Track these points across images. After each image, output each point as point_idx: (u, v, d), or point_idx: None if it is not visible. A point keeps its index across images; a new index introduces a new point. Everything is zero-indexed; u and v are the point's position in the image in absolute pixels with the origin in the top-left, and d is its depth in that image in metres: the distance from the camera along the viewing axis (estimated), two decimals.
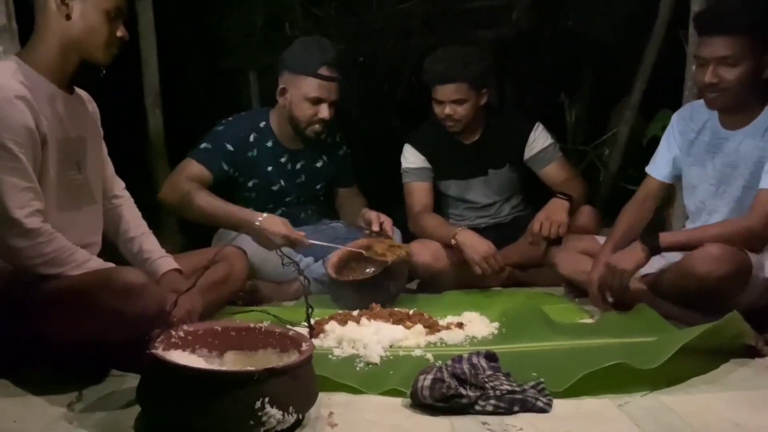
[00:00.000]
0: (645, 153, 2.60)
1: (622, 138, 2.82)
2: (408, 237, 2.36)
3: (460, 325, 1.83)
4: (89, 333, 1.38)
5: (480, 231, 2.32)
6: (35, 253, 1.41)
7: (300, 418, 1.24)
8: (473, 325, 1.83)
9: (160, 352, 1.25)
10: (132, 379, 1.35)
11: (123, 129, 2.33)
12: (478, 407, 1.33)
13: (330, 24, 2.96)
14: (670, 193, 2.21)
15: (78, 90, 1.61)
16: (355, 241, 2.21)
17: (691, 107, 1.99)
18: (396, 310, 1.95)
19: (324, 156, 2.35)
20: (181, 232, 2.56)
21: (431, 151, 2.42)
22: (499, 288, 2.31)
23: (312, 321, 1.78)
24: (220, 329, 1.40)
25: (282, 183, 2.28)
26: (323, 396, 1.37)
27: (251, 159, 2.22)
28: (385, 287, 2.05)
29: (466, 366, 1.38)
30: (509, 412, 1.33)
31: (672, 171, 2.01)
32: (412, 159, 2.43)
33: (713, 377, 1.51)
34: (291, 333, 1.39)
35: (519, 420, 1.31)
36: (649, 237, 1.83)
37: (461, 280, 2.28)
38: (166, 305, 1.42)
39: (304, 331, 1.61)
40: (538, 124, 2.41)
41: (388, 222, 2.18)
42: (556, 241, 2.17)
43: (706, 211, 1.91)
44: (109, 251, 1.71)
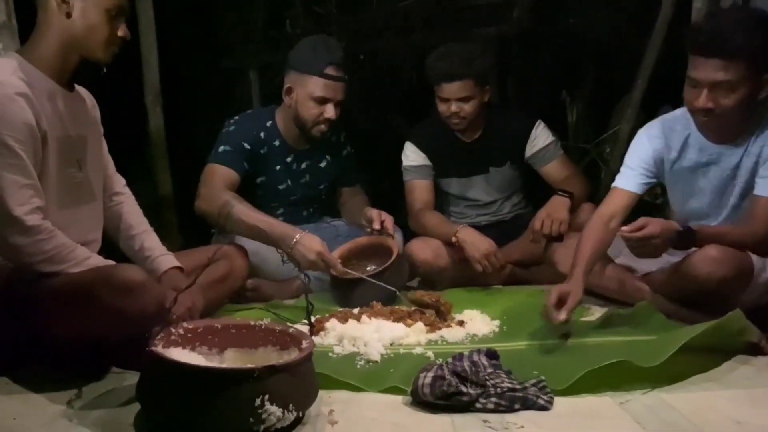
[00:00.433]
0: None
1: (623, 136, 2.80)
2: (409, 235, 2.36)
3: (460, 323, 1.83)
4: (89, 330, 1.38)
5: (481, 229, 2.32)
6: (35, 251, 1.41)
7: (300, 415, 1.24)
8: (474, 323, 1.83)
9: (159, 349, 1.25)
10: (132, 377, 1.35)
11: (124, 127, 2.34)
12: (478, 405, 1.33)
13: (331, 22, 2.96)
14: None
15: (78, 88, 1.61)
16: (356, 239, 2.21)
17: (662, 124, 1.89)
18: (397, 308, 1.95)
19: (328, 156, 2.35)
20: (182, 230, 2.56)
21: (432, 149, 2.42)
22: (500, 286, 2.31)
23: (312, 319, 1.77)
24: (220, 327, 1.40)
25: (288, 182, 2.27)
26: (324, 394, 1.37)
27: (263, 156, 2.21)
28: (381, 287, 2.03)
29: (466, 364, 1.37)
30: (510, 410, 1.32)
31: (645, 183, 1.89)
32: (412, 157, 2.43)
33: (715, 375, 1.51)
34: (291, 331, 1.39)
35: (520, 418, 1.30)
36: (688, 236, 1.70)
37: (462, 277, 2.27)
38: (166, 303, 1.42)
39: (304, 329, 1.61)
40: (539, 122, 2.41)
41: (389, 220, 2.18)
42: (557, 239, 2.16)
43: (703, 219, 1.89)
44: (110, 248, 1.71)
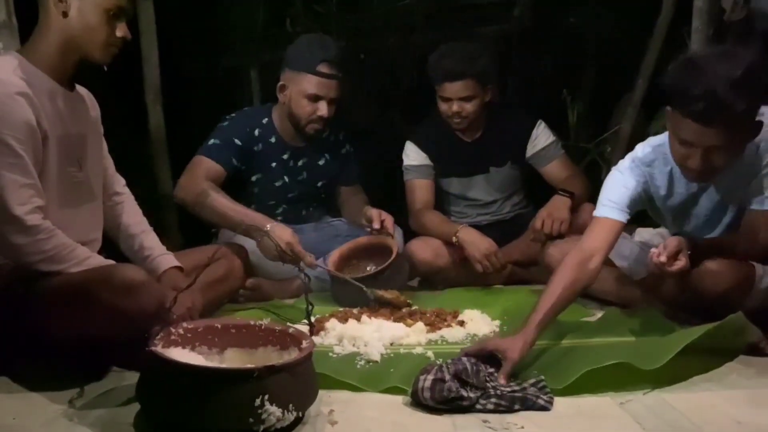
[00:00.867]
0: None
1: (624, 135, 2.80)
2: (409, 234, 2.36)
3: (461, 323, 1.83)
4: (89, 330, 1.37)
5: (481, 228, 2.32)
6: (35, 250, 1.40)
7: (300, 415, 1.24)
8: (474, 323, 1.83)
9: (159, 349, 1.25)
10: (132, 377, 1.35)
11: (124, 126, 2.33)
12: (478, 406, 1.32)
13: (331, 20, 2.96)
14: None
15: (78, 87, 1.61)
16: (356, 239, 2.21)
17: (640, 164, 1.77)
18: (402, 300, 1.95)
19: (327, 154, 2.35)
20: (182, 229, 2.55)
21: (433, 149, 2.41)
22: (501, 285, 2.31)
23: (312, 318, 1.77)
24: (220, 327, 1.40)
25: (285, 179, 2.27)
26: (323, 394, 1.37)
27: (257, 153, 2.22)
28: (386, 284, 2.04)
29: (468, 364, 1.37)
30: (510, 410, 1.32)
31: (631, 210, 1.77)
32: (413, 156, 2.42)
33: (715, 375, 1.50)
34: (291, 330, 1.38)
35: (520, 418, 1.30)
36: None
37: (462, 277, 2.27)
38: (165, 302, 1.42)
39: (304, 329, 1.60)
40: (540, 121, 2.40)
41: (389, 219, 2.18)
42: (557, 239, 2.16)
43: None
44: (110, 248, 1.71)
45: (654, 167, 1.78)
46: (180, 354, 1.30)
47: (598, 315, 1.97)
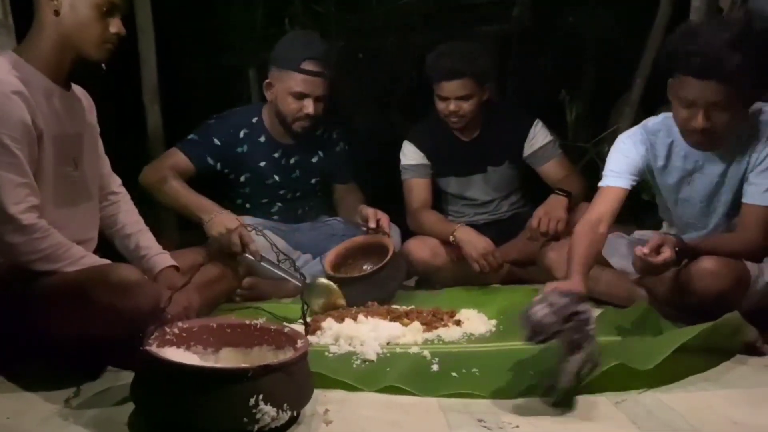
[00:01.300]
0: None
1: None
2: (407, 234, 2.36)
3: (457, 322, 1.83)
4: (84, 329, 1.37)
5: (479, 228, 2.32)
6: (30, 249, 1.40)
7: (295, 415, 1.24)
8: (471, 323, 1.83)
9: (154, 348, 1.25)
10: (127, 376, 1.34)
11: (122, 126, 2.33)
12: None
13: (330, 20, 2.95)
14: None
15: (74, 86, 1.60)
16: (352, 238, 2.21)
17: (644, 132, 1.84)
18: (393, 307, 1.95)
19: (320, 152, 2.35)
20: (179, 229, 2.55)
21: (430, 148, 2.41)
22: (498, 285, 2.31)
23: (308, 318, 1.77)
24: (215, 326, 1.40)
25: (276, 178, 2.27)
26: (319, 393, 1.37)
27: (240, 155, 2.22)
28: (382, 284, 2.04)
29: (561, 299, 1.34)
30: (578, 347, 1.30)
31: (634, 179, 1.83)
32: (411, 156, 2.42)
33: (712, 375, 1.50)
34: (287, 330, 1.38)
35: (515, 417, 1.30)
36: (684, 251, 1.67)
37: (460, 276, 2.27)
38: (161, 302, 1.41)
39: (300, 328, 1.60)
40: (537, 121, 2.40)
41: (384, 219, 2.18)
42: (554, 238, 2.16)
43: (693, 228, 1.87)
44: (106, 248, 1.70)
45: (657, 137, 1.82)
46: (175, 353, 1.30)
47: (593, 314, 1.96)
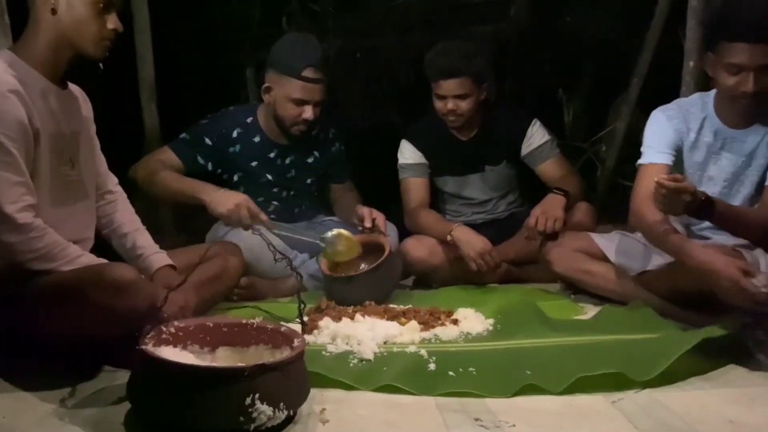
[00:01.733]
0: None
1: (619, 134, 2.81)
2: (404, 233, 2.36)
3: (455, 322, 1.83)
4: (81, 329, 1.37)
5: (476, 227, 2.32)
6: (27, 249, 1.40)
7: (291, 414, 1.24)
8: (468, 322, 1.82)
9: (150, 348, 1.24)
10: (124, 375, 1.34)
11: (119, 125, 2.33)
12: None
13: (327, 19, 2.95)
14: None
15: (71, 85, 1.60)
16: None
17: (678, 107, 1.88)
18: (390, 306, 1.95)
19: (316, 151, 2.34)
20: (176, 228, 2.55)
21: (428, 147, 2.41)
22: (495, 284, 2.31)
23: (305, 317, 1.77)
24: (211, 325, 1.40)
25: (269, 177, 2.27)
26: (316, 392, 1.36)
27: (233, 154, 2.22)
28: (379, 282, 2.04)
29: None
30: None
31: (672, 154, 1.85)
32: (408, 155, 2.42)
33: (708, 374, 1.50)
34: (283, 329, 1.38)
35: (512, 416, 1.30)
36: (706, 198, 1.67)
37: (457, 276, 2.27)
38: (157, 301, 1.41)
39: (297, 328, 1.60)
40: (535, 120, 2.40)
41: (380, 217, 2.17)
42: (551, 237, 2.16)
43: None
44: (103, 247, 1.70)
45: (691, 111, 1.85)
46: (171, 353, 1.30)
47: (590, 314, 1.97)
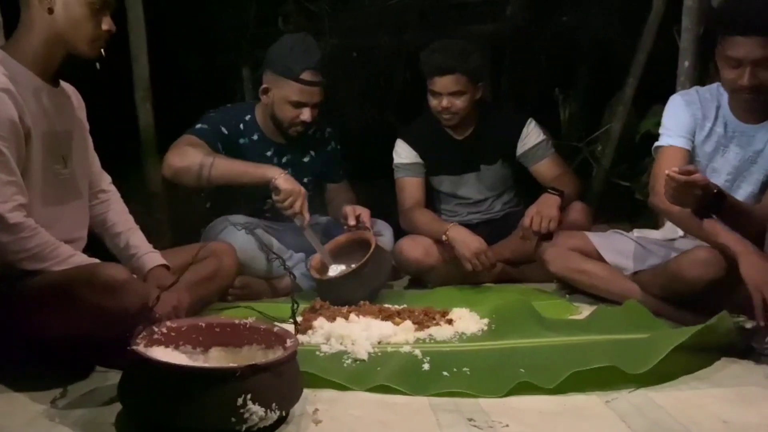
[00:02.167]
0: (638, 149, 2.60)
1: (614, 134, 2.81)
2: (400, 233, 2.35)
3: (449, 322, 1.82)
4: (72, 329, 1.36)
5: (472, 227, 2.31)
6: (18, 248, 1.39)
7: (284, 415, 1.23)
8: (463, 322, 1.82)
9: (141, 348, 1.24)
10: (115, 376, 1.33)
11: (113, 124, 2.32)
12: None
13: (324, 19, 2.95)
14: None
15: (63, 84, 1.59)
16: (336, 239, 2.20)
17: (697, 94, 1.88)
18: (385, 306, 1.94)
19: (312, 151, 2.34)
20: (171, 227, 2.54)
21: (423, 147, 2.41)
22: (490, 284, 2.30)
23: (299, 318, 1.76)
24: (204, 325, 1.39)
25: None
26: (309, 392, 1.36)
27: (242, 146, 2.21)
28: (367, 280, 2.02)
29: None
30: None
31: (690, 139, 1.85)
32: (404, 154, 2.42)
33: (702, 374, 1.50)
34: (276, 329, 1.38)
35: (505, 416, 1.30)
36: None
37: (452, 276, 2.26)
38: (149, 301, 1.40)
39: (290, 328, 1.59)
40: (530, 119, 2.40)
41: (365, 213, 2.16)
42: (546, 237, 2.15)
43: None
44: (96, 246, 1.69)
45: (708, 100, 1.86)
46: (163, 353, 1.30)
47: (585, 313, 1.97)
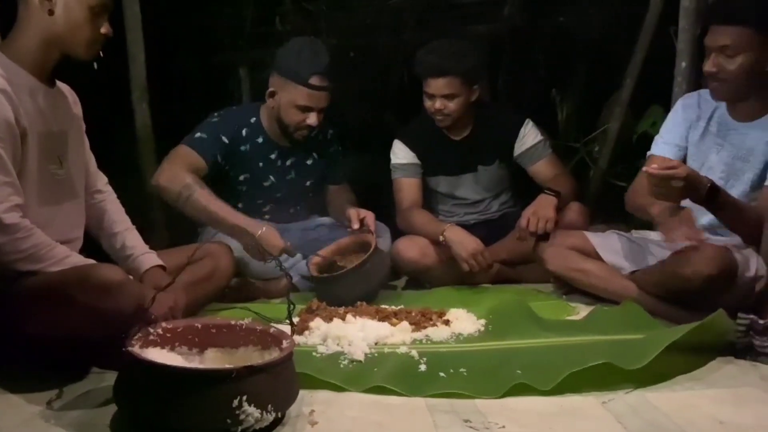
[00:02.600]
0: (635, 150, 2.61)
1: (611, 134, 2.81)
2: (397, 233, 2.35)
3: (446, 322, 1.82)
4: (68, 330, 1.35)
5: (469, 227, 2.31)
6: (13, 249, 1.39)
7: (279, 416, 1.23)
8: (460, 322, 1.82)
9: (137, 349, 1.23)
10: (111, 377, 1.32)
11: (110, 124, 2.31)
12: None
13: (321, 19, 2.94)
14: None
15: (59, 83, 1.59)
16: (338, 241, 2.20)
17: (698, 95, 1.94)
18: (382, 307, 1.94)
19: (315, 153, 2.34)
20: (168, 228, 2.54)
21: (421, 147, 2.40)
22: (488, 285, 2.30)
23: (296, 318, 1.76)
24: (200, 326, 1.39)
25: (272, 179, 2.26)
26: (305, 394, 1.36)
27: (243, 153, 2.20)
28: (365, 280, 2.02)
29: None
30: None
31: (683, 152, 1.94)
32: (401, 155, 2.42)
33: (698, 375, 1.51)
34: (272, 330, 1.37)
35: (501, 417, 1.30)
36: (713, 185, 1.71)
37: (449, 276, 2.26)
38: (144, 302, 1.40)
39: (287, 329, 1.59)
40: (527, 120, 2.40)
41: (369, 216, 2.16)
42: (543, 237, 2.15)
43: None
44: (92, 247, 1.69)
45: (707, 99, 1.90)
46: (158, 354, 1.29)
47: (582, 314, 1.97)
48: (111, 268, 1.40)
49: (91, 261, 1.47)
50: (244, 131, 2.20)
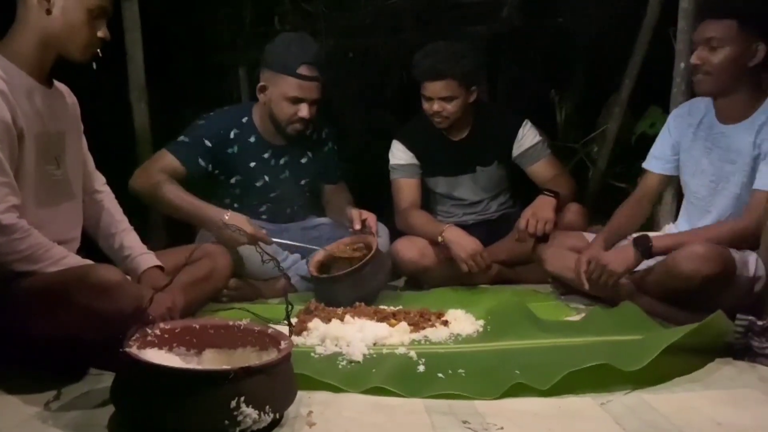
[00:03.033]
0: (634, 150, 2.61)
1: (610, 135, 2.81)
2: (396, 234, 2.35)
3: (445, 323, 1.82)
4: (65, 331, 1.35)
5: (467, 228, 2.31)
6: (10, 250, 1.38)
7: (277, 417, 1.23)
8: (458, 323, 1.82)
9: (134, 350, 1.23)
10: (109, 378, 1.32)
11: (108, 124, 2.31)
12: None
13: (320, 19, 2.94)
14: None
15: (57, 84, 1.59)
16: (339, 240, 2.20)
17: (690, 105, 2.01)
18: (381, 307, 1.94)
19: (309, 152, 2.33)
20: (167, 228, 2.53)
21: (419, 148, 2.41)
22: (486, 285, 2.30)
23: (294, 319, 1.76)
24: (198, 327, 1.39)
25: (266, 179, 2.25)
26: (304, 395, 1.36)
27: (231, 155, 2.19)
28: (365, 282, 2.02)
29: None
30: None
31: (670, 164, 2.02)
32: (400, 155, 2.42)
33: (696, 376, 1.50)
34: (270, 331, 1.37)
35: (500, 419, 1.30)
36: (642, 241, 1.82)
37: (448, 277, 2.26)
38: (142, 303, 1.40)
39: (285, 329, 1.59)
40: (526, 121, 2.40)
41: (371, 218, 2.16)
42: (542, 238, 2.16)
43: (703, 208, 1.90)
44: (90, 247, 1.69)
45: (699, 107, 1.95)
46: (156, 355, 1.29)
47: (581, 315, 1.97)
48: (109, 268, 1.40)
49: (89, 261, 1.46)
50: (232, 133, 2.19)
